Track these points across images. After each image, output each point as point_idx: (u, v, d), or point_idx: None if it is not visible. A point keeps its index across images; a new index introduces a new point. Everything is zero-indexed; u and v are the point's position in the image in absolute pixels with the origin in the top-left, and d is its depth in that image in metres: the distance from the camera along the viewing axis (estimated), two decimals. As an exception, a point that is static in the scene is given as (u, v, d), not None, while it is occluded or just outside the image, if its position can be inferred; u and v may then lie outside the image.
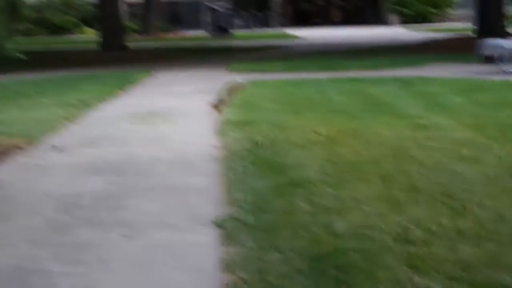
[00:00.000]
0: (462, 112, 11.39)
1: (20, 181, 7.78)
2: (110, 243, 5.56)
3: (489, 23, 29.62)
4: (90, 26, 47.69)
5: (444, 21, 52.59)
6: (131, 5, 49.83)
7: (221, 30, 45.24)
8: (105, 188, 7.34)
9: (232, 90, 11.33)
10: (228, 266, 4.86)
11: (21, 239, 5.72)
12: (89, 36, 44.34)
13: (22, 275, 4.89)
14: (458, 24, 46.15)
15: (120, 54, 29.85)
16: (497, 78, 16.08)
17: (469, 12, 38.02)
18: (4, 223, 6.20)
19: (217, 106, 11.18)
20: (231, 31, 45.86)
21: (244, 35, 44.68)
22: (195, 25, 51.94)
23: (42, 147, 9.75)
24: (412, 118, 10.78)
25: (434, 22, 52.10)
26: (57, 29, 51.73)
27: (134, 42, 36.18)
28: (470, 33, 32.54)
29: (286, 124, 10.52)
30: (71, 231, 5.89)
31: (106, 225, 6.04)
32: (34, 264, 5.11)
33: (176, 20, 53.15)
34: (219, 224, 5.84)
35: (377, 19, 55.71)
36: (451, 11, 54.00)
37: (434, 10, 53.63)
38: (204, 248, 5.37)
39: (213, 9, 47.04)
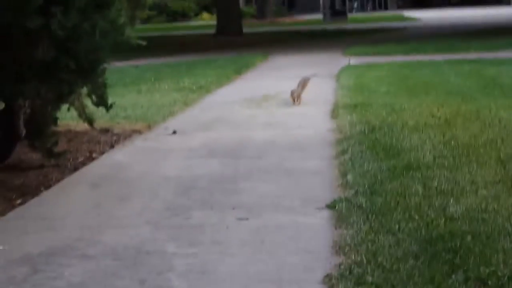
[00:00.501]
0: None
1: (140, 164, 7.96)
2: (225, 225, 5.64)
3: None
4: (209, 11, 48.25)
5: None
6: (248, -10, 50.13)
7: (338, 13, 45.00)
8: (221, 171, 7.45)
9: (304, 84, 11.72)
10: (340, 248, 4.86)
11: (141, 220, 5.86)
12: (207, 21, 44.86)
13: (141, 256, 5.01)
14: None
15: (236, 38, 30.12)
16: None
17: None
18: (124, 204, 6.36)
19: (292, 97, 11.41)
20: (348, 14, 45.60)
21: (361, 18, 44.39)
22: (311, 9, 51.88)
23: (161, 131, 9.95)
24: (532, 100, 10.52)
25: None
26: (177, 15, 52.55)
27: (251, 26, 36.43)
28: None
29: (401, 107, 10.42)
30: (188, 213, 6.00)
31: (222, 207, 6.12)
32: (153, 245, 5.23)
33: (292, 4, 53.21)
34: (332, 207, 5.85)
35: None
36: None
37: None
38: (317, 230, 5.39)
39: (329, -8, 46.83)
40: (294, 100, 11.37)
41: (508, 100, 10.61)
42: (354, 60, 18.42)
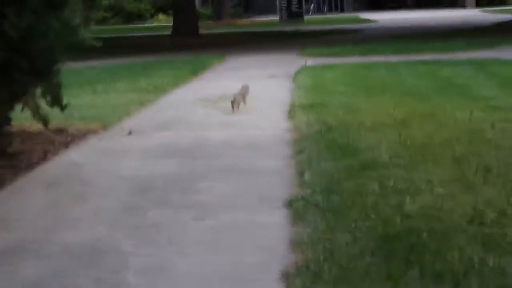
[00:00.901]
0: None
1: (95, 164, 7.91)
2: (181, 225, 5.63)
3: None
4: (165, 13, 48.13)
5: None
6: (203, -8, 50.13)
7: (294, 14, 45.12)
8: (177, 170, 7.43)
9: (245, 92, 11.34)
10: (298, 246, 4.88)
11: (96, 220, 5.84)
12: (163, 23, 44.77)
13: (97, 255, 4.99)
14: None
15: (193, 40, 30.08)
16: None
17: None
18: (80, 204, 6.32)
19: (232, 105, 10.92)
20: (304, 15, 45.76)
21: (317, 20, 44.61)
22: (267, 10, 52.00)
23: (116, 131, 9.90)
24: (487, 100, 10.63)
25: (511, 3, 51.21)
26: (133, 17, 52.34)
27: (207, 28, 36.43)
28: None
29: (358, 107, 10.49)
30: (144, 213, 5.98)
31: (178, 207, 6.12)
32: (108, 244, 5.21)
33: (248, 6, 53.28)
34: (289, 205, 5.87)
35: (452, 2, 55.02)
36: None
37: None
38: (274, 229, 5.40)
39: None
40: (233, 109, 10.95)
41: (463, 100, 10.72)
42: (311, 61, 18.47)
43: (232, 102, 10.77)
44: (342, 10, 56.44)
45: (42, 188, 6.92)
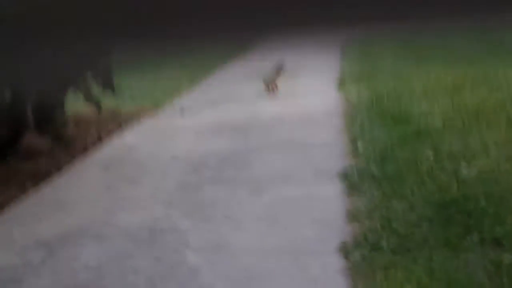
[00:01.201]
0: None
1: (149, 145, 7.98)
2: (237, 201, 5.64)
3: None
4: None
5: None
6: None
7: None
8: (230, 147, 7.45)
9: (279, 70, 10.50)
10: (354, 216, 4.86)
11: (153, 200, 5.88)
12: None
13: (155, 235, 5.03)
14: None
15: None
16: None
17: None
18: (136, 186, 6.37)
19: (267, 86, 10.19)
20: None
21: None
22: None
23: (168, 111, 9.96)
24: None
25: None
26: None
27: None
28: None
29: (408, 75, 10.41)
30: (199, 191, 6.01)
31: (233, 184, 6.14)
32: (166, 223, 5.25)
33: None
34: (344, 176, 5.86)
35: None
36: None
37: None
38: (330, 200, 5.39)
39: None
40: (269, 90, 10.32)
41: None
42: (360, 29, 18.33)
43: (266, 84, 10.24)
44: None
45: (98, 170, 7.00)
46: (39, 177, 6.95)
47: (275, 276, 4.11)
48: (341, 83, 10.58)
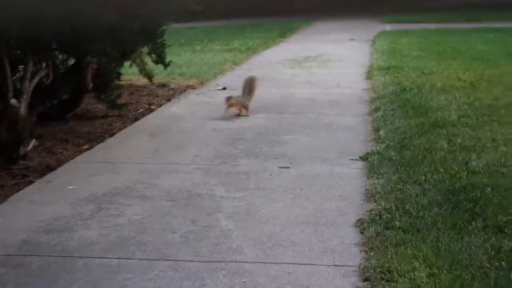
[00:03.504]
0: None
1: (193, 116, 7.99)
2: (268, 173, 5.66)
3: None
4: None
5: None
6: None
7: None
8: (265, 124, 7.47)
9: (250, 87, 7.93)
10: (372, 195, 4.87)
11: (193, 167, 5.91)
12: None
13: (193, 198, 5.06)
14: None
15: (284, 5, 29.84)
16: None
17: None
18: (178, 152, 6.41)
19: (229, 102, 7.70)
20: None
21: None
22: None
23: (212, 87, 9.98)
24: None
25: None
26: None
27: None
28: None
29: (431, 70, 10.36)
30: (235, 161, 6.03)
31: (266, 157, 6.15)
32: (203, 189, 5.27)
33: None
34: (365, 159, 5.86)
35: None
36: None
37: None
38: (351, 179, 5.39)
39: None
40: (240, 112, 7.83)
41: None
42: (389, 27, 18.24)
43: (229, 102, 7.79)
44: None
45: (147, 136, 7.04)
46: (94, 139, 7.03)
47: (296, 243, 4.13)
48: (370, 73, 10.54)
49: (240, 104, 7.75)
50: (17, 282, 3.72)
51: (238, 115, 7.75)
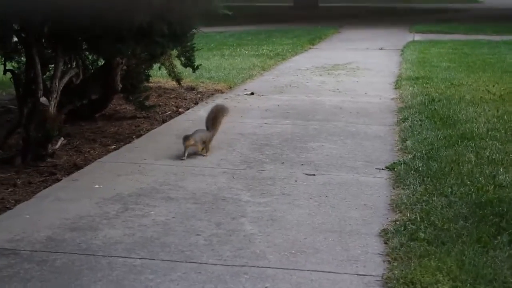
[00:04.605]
0: None
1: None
2: (293, 179, 5.66)
3: None
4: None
5: None
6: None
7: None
8: (292, 130, 7.47)
9: (215, 120, 6.66)
10: (397, 206, 4.86)
11: (218, 170, 5.93)
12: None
13: (218, 201, 5.07)
14: None
15: (312, 11, 29.93)
16: None
17: None
18: (205, 157, 6.41)
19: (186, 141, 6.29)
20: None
21: (427, -1, 43.67)
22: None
23: (240, 92, 10.00)
24: None
25: None
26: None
27: (326, 1, 36.10)
28: None
29: (460, 82, 10.31)
30: (261, 167, 6.04)
31: (291, 163, 6.15)
32: (228, 193, 5.28)
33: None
34: (392, 168, 5.84)
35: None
36: None
37: None
38: (377, 189, 5.38)
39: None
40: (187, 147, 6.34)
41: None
42: (418, 36, 18.18)
43: (185, 139, 6.35)
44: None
45: (174, 138, 7.05)
46: (121, 140, 7.08)
47: (319, 251, 4.13)
48: (398, 83, 10.51)
49: (200, 142, 6.35)
50: (41, 278, 3.75)
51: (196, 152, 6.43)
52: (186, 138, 6.30)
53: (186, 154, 6.29)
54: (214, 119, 6.71)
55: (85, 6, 5.78)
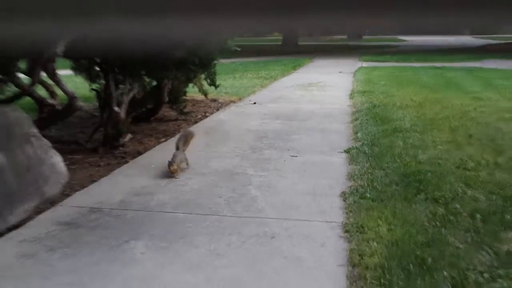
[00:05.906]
0: (507, 90, 10.71)
1: (233, 121, 8.02)
2: (282, 160, 5.67)
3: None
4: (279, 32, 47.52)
5: None
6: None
7: (358, 35, 44.17)
8: (281, 127, 7.47)
9: (188, 137, 5.84)
10: (351, 176, 4.87)
11: (233, 155, 5.94)
12: (277, 36, 44.40)
13: (233, 175, 5.09)
14: None
15: (294, 48, 29.81)
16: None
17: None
18: (224, 145, 6.41)
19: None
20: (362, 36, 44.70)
21: (371, 39, 43.46)
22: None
23: (246, 102, 9.99)
24: (473, 93, 10.25)
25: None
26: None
27: (303, 41, 35.93)
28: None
29: (392, 94, 10.28)
30: (261, 151, 6.05)
31: (281, 149, 6.16)
32: (240, 169, 5.30)
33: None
34: (347, 152, 5.85)
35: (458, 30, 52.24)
36: None
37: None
38: (338, 165, 5.39)
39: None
40: (173, 171, 5.02)
41: (457, 92, 10.38)
42: (365, 64, 18.11)
43: (169, 164, 5.05)
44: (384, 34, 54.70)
45: (203, 134, 7.07)
46: (168, 134, 7.08)
47: (300, 207, 4.15)
48: (352, 95, 10.49)
49: (179, 165, 5.08)
50: (117, 227, 3.78)
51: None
52: (170, 164, 4.99)
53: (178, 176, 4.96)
54: (185, 138, 5.68)
55: (143, 48, 5.80)
